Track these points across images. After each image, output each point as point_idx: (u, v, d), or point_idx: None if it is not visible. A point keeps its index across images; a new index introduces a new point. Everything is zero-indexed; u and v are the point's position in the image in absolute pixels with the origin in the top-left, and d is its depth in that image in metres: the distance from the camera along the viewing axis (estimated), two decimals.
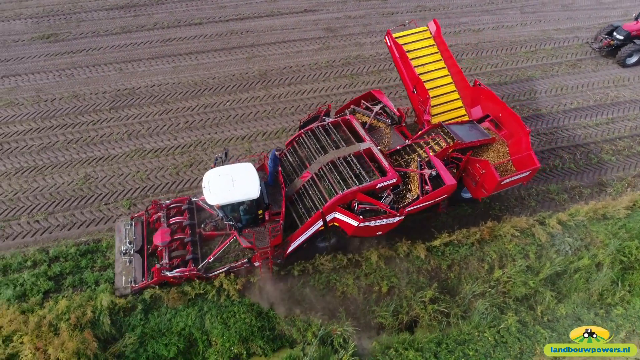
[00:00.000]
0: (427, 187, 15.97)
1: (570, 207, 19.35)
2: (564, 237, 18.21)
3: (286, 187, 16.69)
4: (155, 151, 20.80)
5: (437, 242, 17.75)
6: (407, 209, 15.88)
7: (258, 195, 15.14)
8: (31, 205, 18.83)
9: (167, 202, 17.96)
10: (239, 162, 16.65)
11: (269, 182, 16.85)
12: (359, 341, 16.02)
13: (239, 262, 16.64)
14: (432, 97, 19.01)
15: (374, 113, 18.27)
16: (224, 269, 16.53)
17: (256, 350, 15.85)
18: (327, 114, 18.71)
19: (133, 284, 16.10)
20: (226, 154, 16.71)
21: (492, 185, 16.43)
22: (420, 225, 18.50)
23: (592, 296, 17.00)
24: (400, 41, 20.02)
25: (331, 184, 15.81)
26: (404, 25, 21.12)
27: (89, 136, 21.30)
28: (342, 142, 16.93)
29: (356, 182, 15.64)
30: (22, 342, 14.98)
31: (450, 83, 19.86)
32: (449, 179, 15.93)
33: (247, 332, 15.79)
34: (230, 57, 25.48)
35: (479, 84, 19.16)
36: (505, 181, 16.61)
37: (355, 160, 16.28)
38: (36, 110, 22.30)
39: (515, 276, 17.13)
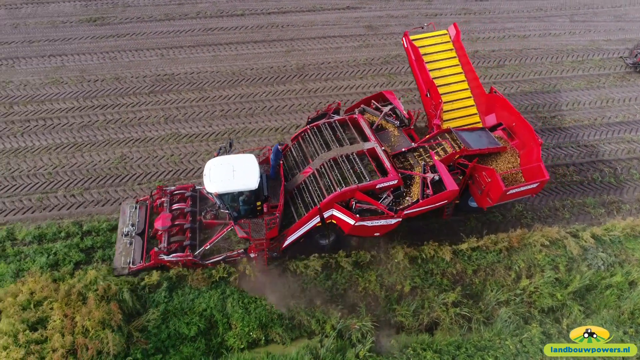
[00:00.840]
0: (428, 191, 16.17)
1: (607, 222, 19.21)
2: (597, 251, 18.12)
3: (288, 181, 17.26)
4: (190, 136, 21.73)
5: (464, 246, 17.94)
6: (406, 212, 16.13)
7: (256, 187, 15.60)
8: (68, 180, 20.01)
9: (172, 188, 18.79)
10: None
11: (270, 175, 17.44)
12: (377, 338, 16.35)
13: (235, 252, 17.25)
14: (446, 102, 19.24)
15: (382, 114, 18.63)
16: (220, 258, 17.17)
17: (274, 338, 16.40)
18: (337, 112, 19.16)
19: (131, 265, 16.94)
20: (231, 144, 17.36)
21: (497, 194, 16.55)
22: (448, 227, 18.75)
23: (622, 314, 16.85)
24: (417, 43, 20.21)
25: (331, 180, 16.24)
26: (422, 28, 21.43)
27: (127, 118, 22.43)
28: (347, 140, 17.35)
29: (355, 180, 16.02)
30: (51, 308, 16.01)
31: (466, 89, 19.96)
32: (451, 185, 16.11)
33: (266, 318, 16.37)
34: (269, 49, 26.30)
35: (495, 92, 19.23)
36: (511, 191, 16.67)
37: (357, 159, 16.69)
38: (79, 90, 23.62)
39: (543, 287, 17.15)
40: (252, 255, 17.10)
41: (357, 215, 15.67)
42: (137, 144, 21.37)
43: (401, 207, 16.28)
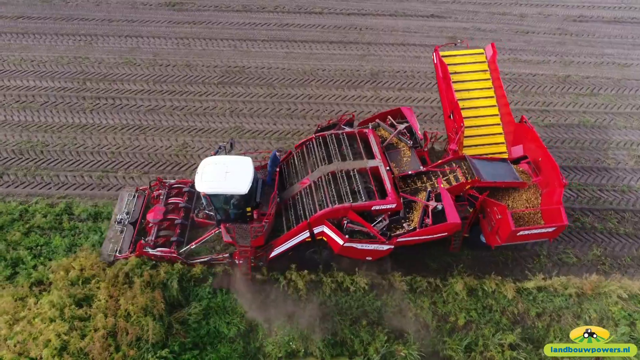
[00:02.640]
0: (427, 220, 15.83)
1: None
2: None
3: (285, 190, 17.46)
4: (253, 132, 22.42)
5: (529, 285, 17.44)
6: (400, 239, 15.91)
7: (246, 192, 15.77)
8: (129, 161, 21.18)
9: (172, 181, 19.29)
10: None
11: (267, 181, 17.59)
12: None
13: (221, 255, 17.55)
14: (472, 127, 18.81)
15: (396, 131, 18.37)
16: (205, 259, 17.51)
17: (314, 351, 16.54)
18: (350, 124, 19.07)
19: (117, 254, 17.56)
20: (232, 145, 17.57)
21: (506, 233, 16.10)
22: (515, 262, 18.33)
23: None
24: (447, 60, 19.72)
25: (325, 195, 16.16)
26: (455, 45, 21.01)
27: (194, 106, 23.46)
28: (350, 155, 17.21)
29: (350, 199, 15.89)
30: (98, 287, 16.97)
31: (496, 115, 19.37)
32: (453, 217, 15.70)
33: (309, 330, 16.60)
34: (344, 51, 26.69)
35: (525, 121, 18.48)
36: (521, 232, 16.19)
37: (357, 177, 16.51)
38: (150, 73, 24.95)
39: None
40: (238, 261, 17.27)
41: (347, 236, 15.63)
42: (200, 134, 22.28)
43: (396, 233, 16.06)
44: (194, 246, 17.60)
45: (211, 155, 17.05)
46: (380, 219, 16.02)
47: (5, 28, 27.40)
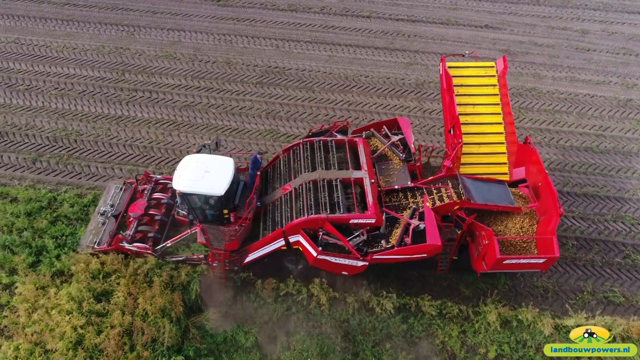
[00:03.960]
0: (407, 238, 15.47)
1: None
2: None
3: (266, 195, 17.55)
4: (289, 136, 22.46)
5: (569, 322, 16.76)
6: (376, 256, 15.60)
7: (222, 194, 15.77)
8: (161, 157, 21.54)
9: (159, 176, 19.31)
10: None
11: (249, 184, 17.49)
12: None
13: (196, 256, 17.60)
14: (473, 144, 18.29)
15: (389, 142, 18.08)
16: (181, 258, 17.63)
17: None
18: (344, 131, 18.82)
19: (95, 246, 17.74)
20: (217, 144, 17.54)
21: (491, 260, 15.52)
22: (555, 295, 17.71)
23: None
24: (453, 72, 19.15)
25: (304, 204, 16.01)
26: (463, 56, 20.52)
27: (230, 105, 23.70)
28: (336, 164, 16.98)
29: (328, 210, 15.69)
30: (118, 283, 17.28)
31: (501, 133, 18.69)
32: (433, 238, 15.19)
33: (328, 348, 16.43)
34: (389, 58, 26.49)
35: (529, 142, 17.71)
36: (508, 261, 15.62)
37: (339, 187, 16.26)
38: (189, 68, 25.38)
39: None
40: (213, 264, 17.24)
41: (320, 248, 15.48)
42: (234, 134, 22.47)
43: (372, 250, 15.79)
44: (169, 244, 17.76)
45: (194, 153, 17.23)
46: (357, 234, 15.86)
47: (52, 14, 28.42)
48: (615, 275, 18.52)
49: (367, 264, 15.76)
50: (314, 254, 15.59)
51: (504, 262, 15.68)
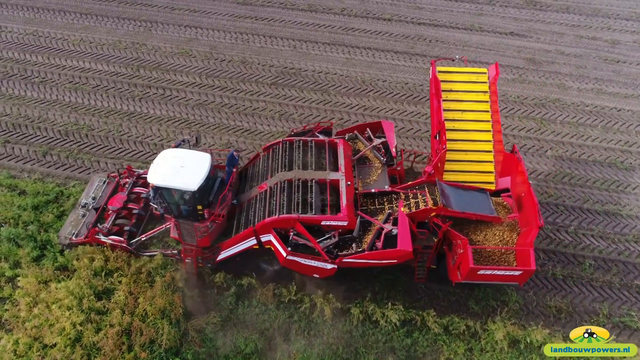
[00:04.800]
0: (378, 243, 15.38)
1: None
2: None
3: (243, 192, 17.80)
4: None
5: None
6: (345, 260, 15.54)
7: (195, 189, 15.95)
8: None
9: (141, 171, 19.47)
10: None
11: (226, 181, 17.59)
12: None
13: (170, 251, 17.76)
14: (459, 151, 18.09)
15: (370, 145, 18.11)
16: (155, 253, 17.84)
17: None
18: (328, 132, 18.82)
19: (73, 237, 18.04)
20: (197, 139, 17.82)
21: (465, 270, 15.31)
22: (569, 316, 17.40)
23: None
24: (445, 77, 18.93)
25: (276, 203, 16.10)
26: (453, 60, 20.40)
27: (243, 105, 23.80)
28: (313, 165, 17.00)
29: (299, 210, 15.71)
30: (120, 282, 17.47)
31: (489, 141, 18.36)
32: (404, 244, 15.11)
33: (329, 358, 16.34)
34: (409, 63, 26.30)
35: (516, 152, 17.40)
36: (482, 272, 15.39)
37: (314, 188, 16.31)
38: (204, 67, 25.56)
39: None
40: (186, 259, 17.39)
41: (289, 249, 15.56)
42: (245, 135, 22.55)
43: (343, 253, 15.69)
44: (144, 238, 18.03)
45: (172, 147, 17.41)
46: (329, 236, 15.89)
47: (71, 7, 28.90)
48: (634, 299, 18.07)
49: (336, 267, 15.81)
50: (284, 254, 15.75)
51: (479, 273, 15.54)
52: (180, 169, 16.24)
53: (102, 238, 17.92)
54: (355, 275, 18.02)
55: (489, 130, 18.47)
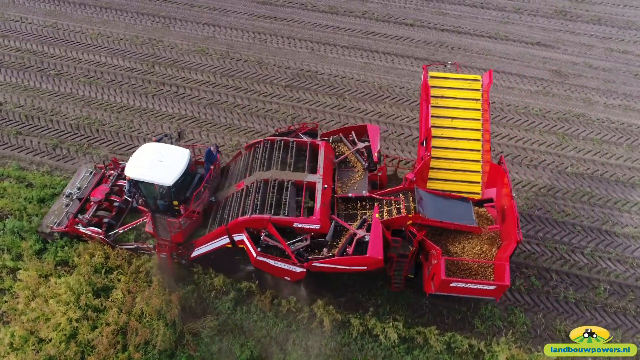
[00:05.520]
0: (349, 249, 15.32)
1: None
2: None
3: (222, 189, 18.01)
4: None
5: None
6: (315, 264, 15.53)
7: (171, 184, 16.16)
8: None
9: (125, 164, 19.32)
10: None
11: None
12: None
13: (146, 245, 17.95)
14: (446, 159, 17.85)
15: (354, 149, 18.14)
16: (132, 246, 18.10)
17: None
18: (312, 134, 18.80)
19: (54, 226, 18.38)
20: (180, 135, 18.17)
21: (437, 281, 15.16)
22: None
23: None
24: (437, 83, 18.63)
25: (251, 203, 16.17)
26: (445, 66, 19.96)
27: (256, 107, 23.86)
28: (292, 166, 17.10)
29: (272, 211, 15.79)
30: (119, 280, 17.66)
31: (477, 151, 18.00)
32: (374, 252, 15.07)
33: None
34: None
35: (502, 162, 17.05)
36: (455, 284, 15.19)
37: (290, 189, 16.38)
38: (220, 65, 25.72)
39: None
40: (160, 254, 17.52)
41: (259, 249, 15.67)
42: (256, 137, 22.55)
43: (313, 256, 15.67)
44: (121, 231, 18.25)
45: (152, 141, 17.60)
46: (300, 239, 15.89)
47: (91, 0, 29.33)
48: None
49: (305, 270, 15.84)
50: (254, 254, 15.85)
51: (451, 285, 15.38)
52: (158, 164, 16.50)
53: (81, 229, 18.24)
54: (359, 287, 17.94)
55: (479, 140, 18.22)
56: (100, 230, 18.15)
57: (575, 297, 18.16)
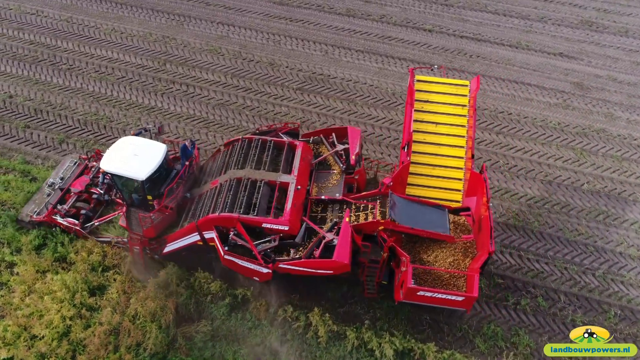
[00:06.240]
0: (316, 251, 15.44)
1: None
2: None
3: (198, 186, 18.33)
4: None
5: None
6: (282, 265, 15.69)
7: (144, 179, 16.42)
8: None
9: None
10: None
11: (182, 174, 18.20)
12: None
13: (120, 239, 18.27)
14: (427, 165, 17.89)
15: (332, 151, 18.27)
16: (107, 239, 18.47)
17: None
18: (294, 134, 19.01)
19: (34, 215, 18.83)
20: (160, 130, 18.62)
21: (405, 289, 15.27)
22: None
23: None
24: (423, 87, 18.52)
25: (222, 200, 16.42)
26: (432, 70, 20.06)
27: (265, 109, 23.92)
28: (267, 165, 17.30)
29: (241, 210, 16.00)
30: (115, 279, 17.84)
31: (461, 158, 17.86)
32: (340, 256, 15.14)
33: None
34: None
35: (483, 171, 16.81)
36: (422, 293, 15.30)
37: (262, 189, 16.58)
38: (231, 66, 25.86)
39: None
40: (133, 248, 17.84)
41: (226, 248, 15.96)
42: None
43: (280, 258, 15.84)
44: (97, 223, 18.55)
45: (131, 135, 17.92)
46: (268, 239, 16.05)
47: None
48: None
49: (270, 271, 15.98)
50: (222, 252, 16.05)
51: (418, 293, 15.42)
52: (133, 157, 16.79)
53: (59, 219, 18.62)
54: (358, 298, 17.85)
55: (462, 147, 18.11)
56: (76, 222, 18.55)
57: (583, 321, 17.77)
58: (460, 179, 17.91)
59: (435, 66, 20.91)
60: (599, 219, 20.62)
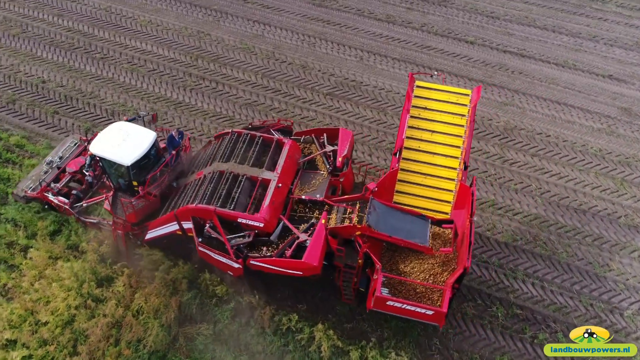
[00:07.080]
0: (288, 251, 15.74)
1: None
2: None
3: (185, 177, 18.77)
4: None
5: None
6: (253, 262, 16.02)
7: (129, 164, 16.91)
8: None
9: None
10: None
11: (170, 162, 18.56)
12: None
13: (106, 221, 18.72)
14: (418, 174, 17.87)
15: (321, 151, 18.52)
16: (94, 220, 18.98)
17: None
18: (287, 132, 19.36)
19: (29, 191, 19.43)
20: (153, 118, 19.26)
21: (375, 297, 15.30)
22: None
23: None
24: (422, 93, 18.31)
25: (202, 192, 16.84)
26: (432, 77, 19.99)
27: (292, 112, 24.10)
28: (251, 161, 17.63)
29: (219, 202, 16.40)
30: (122, 272, 18.27)
31: (454, 169, 17.53)
32: (310, 257, 15.35)
33: None
34: (482, 94, 25.39)
35: (473, 184, 16.51)
36: (391, 302, 15.29)
37: (244, 184, 16.96)
38: (263, 66, 26.17)
39: None
40: (115, 231, 18.26)
41: (199, 240, 16.46)
42: None
43: (252, 254, 16.14)
44: (85, 204, 19.13)
45: (124, 120, 18.42)
46: (243, 234, 16.43)
47: None
48: None
49: (241, 267, 16.21)
50: (197, 244, 16.50)
51: (387, 303, 15.37)
52: (121, 142, 17.28)
53: (50, 197, 19.27)
54: (367, 315, 17.72)
55: (457, 157, 17.87)
56: (67, 201, 19.16)
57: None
58: (451, 191, 17.83)
59: (435, 72, 20.84)
60: (633, 255, 19.93)
